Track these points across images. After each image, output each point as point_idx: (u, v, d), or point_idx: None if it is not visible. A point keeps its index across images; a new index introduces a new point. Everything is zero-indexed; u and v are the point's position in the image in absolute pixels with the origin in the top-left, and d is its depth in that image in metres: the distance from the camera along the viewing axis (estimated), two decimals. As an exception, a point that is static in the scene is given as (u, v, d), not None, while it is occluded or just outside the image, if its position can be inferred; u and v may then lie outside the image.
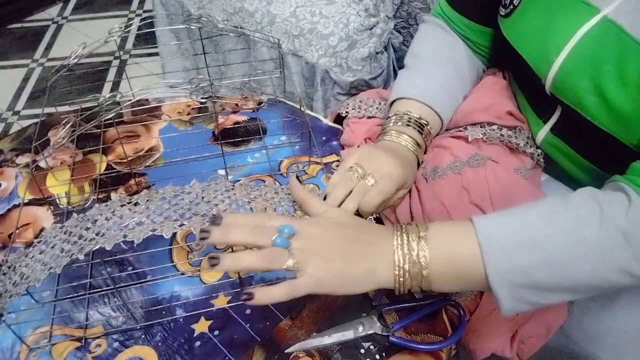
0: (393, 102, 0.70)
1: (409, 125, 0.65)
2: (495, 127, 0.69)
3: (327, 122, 0.84)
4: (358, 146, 0.70)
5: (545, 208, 0.48)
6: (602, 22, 0.54)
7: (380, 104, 0.79)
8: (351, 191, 0.57)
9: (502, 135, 0.68)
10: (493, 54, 0.76)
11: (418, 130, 0.66)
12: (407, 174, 0.60)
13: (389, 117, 0.68)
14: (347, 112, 0.79)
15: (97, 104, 0.63)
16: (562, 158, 0.66)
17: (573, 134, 0.63)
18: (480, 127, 0.70)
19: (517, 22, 0.63)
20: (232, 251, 0.65)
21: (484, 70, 0.78)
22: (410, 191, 0.67)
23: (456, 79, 0.72)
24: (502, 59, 0.77)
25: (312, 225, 0.50)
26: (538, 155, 0.69)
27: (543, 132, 0.67)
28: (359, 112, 0.78)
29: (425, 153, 0.68)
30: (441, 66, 0.72)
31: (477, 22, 0.72)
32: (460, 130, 0.70)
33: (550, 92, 0.60)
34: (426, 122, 0.67)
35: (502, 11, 0.66)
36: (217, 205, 0.56)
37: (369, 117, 0.78)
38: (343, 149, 0.78)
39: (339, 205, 0.56)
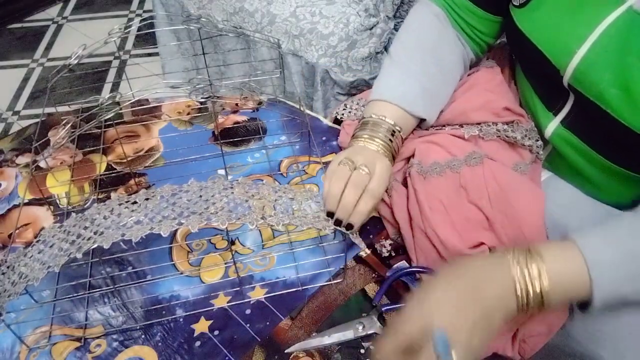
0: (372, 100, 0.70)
1: (381, 132, 0.65)
2: (491, 122, 0.69)
3: (327, 122, 0.84)
4: None
5: None
6: (627, 13, 0.53)
7: None
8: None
9: (498, 130, 0.68)
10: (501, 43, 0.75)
11: (389, 138, 0.66)
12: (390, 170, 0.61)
13: (364, 117, 0.68)
14: (336, 113, 0.79)
15: (97, 104, 0.63)
16: (572, 152, 0.65)
17: (586, 126, 0.62)
18: (476, 124, 0.69)
19: (533, 12, 0.62)
20: (233, 260, 0.65)
21: (471, 60, 0.77)
22: (407, 191, 0.66)
23: (438, 75, 0.71)
24: (510, 49, 0.76)
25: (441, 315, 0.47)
26: (537, 147, 0.68)
27: (553, 125, 0.66)
28: (350, 113, 0.78)
29: (394, 158, 0.68)
30: (423, 62, 0.70)
31: (485, 10, 0.71)
32: (457, 128, 0.70)
33: (569, 83, 0.59)
34: (399, 129, 0.66)
35: (516, 1, 0.65)
36: (215, 204, 0.56)
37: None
38: (341, 150, 0.78)
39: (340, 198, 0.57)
